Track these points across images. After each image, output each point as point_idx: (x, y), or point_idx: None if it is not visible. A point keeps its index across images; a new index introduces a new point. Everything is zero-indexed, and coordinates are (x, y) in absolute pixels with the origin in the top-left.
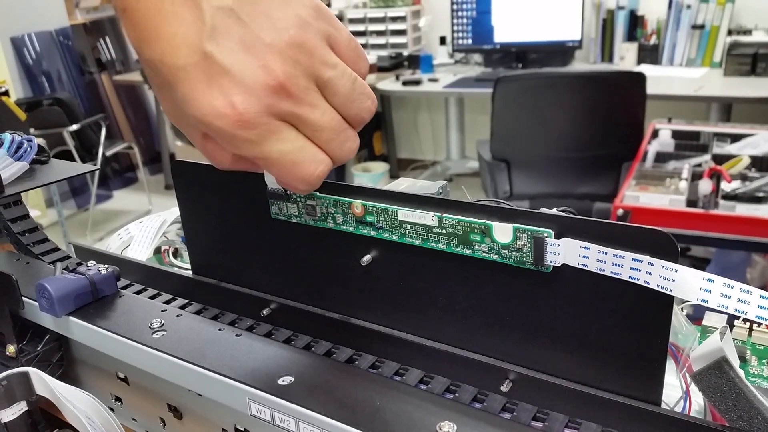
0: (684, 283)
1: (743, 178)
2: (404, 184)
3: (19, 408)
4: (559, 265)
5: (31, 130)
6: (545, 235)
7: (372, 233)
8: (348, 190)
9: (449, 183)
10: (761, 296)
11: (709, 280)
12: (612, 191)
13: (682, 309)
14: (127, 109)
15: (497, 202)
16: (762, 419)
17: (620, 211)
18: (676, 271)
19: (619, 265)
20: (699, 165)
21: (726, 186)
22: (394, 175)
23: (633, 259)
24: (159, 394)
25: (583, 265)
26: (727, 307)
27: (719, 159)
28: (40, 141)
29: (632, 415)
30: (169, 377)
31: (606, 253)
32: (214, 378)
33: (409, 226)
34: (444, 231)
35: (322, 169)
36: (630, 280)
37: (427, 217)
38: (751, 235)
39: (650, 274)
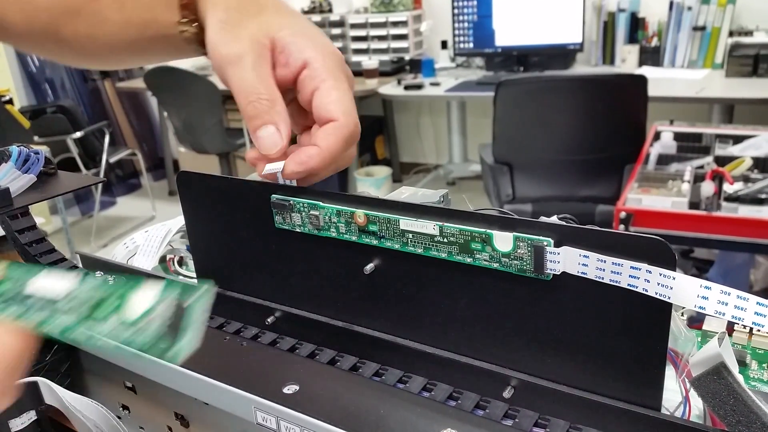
0: (681, 290)
1: (746, 179)
2: (406, 193)
3: (28, 417)
4: (558, 273)
5: (35, 138)
6: (545, 243)
7: (374, 242)
8: (350, 199)
9: (451, 186)
10: (758, 303)
11: (706, 287)
12: (614, 194)
13: (682, 314)
14: (130, 116)
15: (499, 210)
16: (760, 423)
17: (623, 214)
18: (674, 278)
19: (617, 272)
20: (701, 167)
21: (728, 188)
22: (396, 180)
23: (631, 267)
24: (166, 402)
25: (582, 273)
26: (723, 314)
27: (721, 161)
28: (45, 150)
29: (632, 421)
30: (176, 386)
31: (605, 261)
32: (221, 387)
33: (411, 235)
34: (445, 240)
35: None
36: (629, 287)
37: (428, 227)
38: (754, 236)
39: (648, 281)
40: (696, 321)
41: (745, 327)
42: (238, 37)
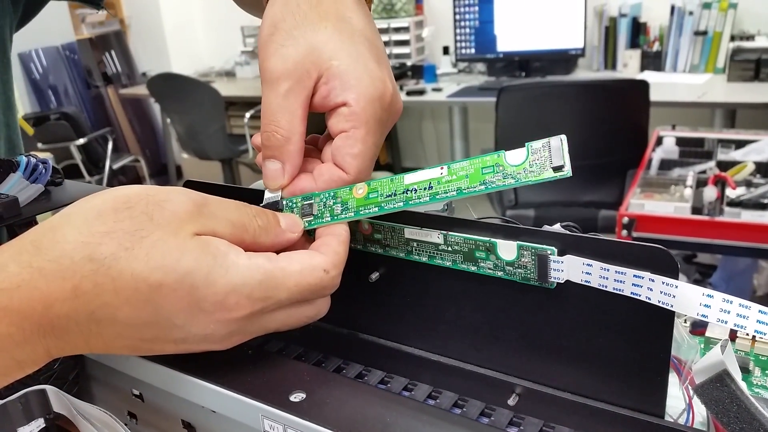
0: (684, 298)
1: (748, 184)
2: None
3: (36, 425)
4: (562, 282)
5: (39, 145)
6: (548, 252)
7: (380, 251)
8: None
9: None
10: (760, 311)
11: (708, 295)
12: (617, 199)
13: (685, 321)
14: (133, 122)
15: (502, 219)
16: (764, 431)
17: (625, 219)
18: (676, 287)
19: (621, 281)
20: (704, 172)
21: (731, 193)
22: None
23: (634, 276)
24: (173, 410)
25: (586, 281)
26: (726, 322)
27: (724, 165)
28: (51, 158)
29: (636, 428)
30: (184, 394)
31: (608, 270)
32: (228, 395)
33: (415, 244)
34: (450, 248)
35: None
36: (632, 295)
37: (433, 235)
38: (757, 241)
39: (651, 290)
40: (699, 327)
41: (747, 334)
42: (286, 53)
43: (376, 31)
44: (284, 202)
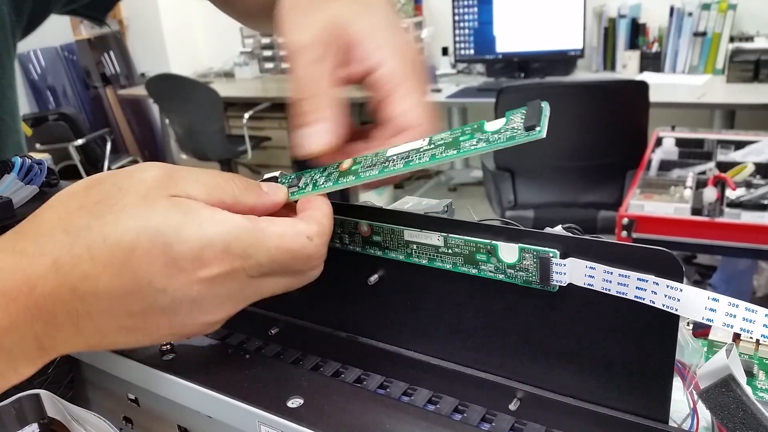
0: (689, 302)
1: (748, 185)
2: (410, 203)
3: (30, 430)
4: (565, 285)
5: (37, 146)
6: (551, 255)
7: (379, 253)
8: (354, 210)
9: (453, 193)
10: (766, 315)
11: (713, 299)
12: (617, 200)
13: (688, 324)
14: (131, 123)
15: (503, 220)
16: None
17: (625, 220)
18: (681, 290)
19: (624, 284)
20: (703, 173)
21: (731, 193)
22: (398, 186)
23: (638, 279)
24: (169, 416)
25: (588, 284)
26: (732, 326)
27: (723, 166)
28: (47, 159)
29: None
30: (180, 399)
31: (611, 273)
32: (224, 400)
33: (415, 246)
34: (450, 251)
35: None
36: (636, 299)
37: (433, 237)
38: (757, 242)
39: (655, 293)
40: (701, 328)
41: (752, 337)
42: (308, 24)
43: (392, 5)
44: (280, 180)
